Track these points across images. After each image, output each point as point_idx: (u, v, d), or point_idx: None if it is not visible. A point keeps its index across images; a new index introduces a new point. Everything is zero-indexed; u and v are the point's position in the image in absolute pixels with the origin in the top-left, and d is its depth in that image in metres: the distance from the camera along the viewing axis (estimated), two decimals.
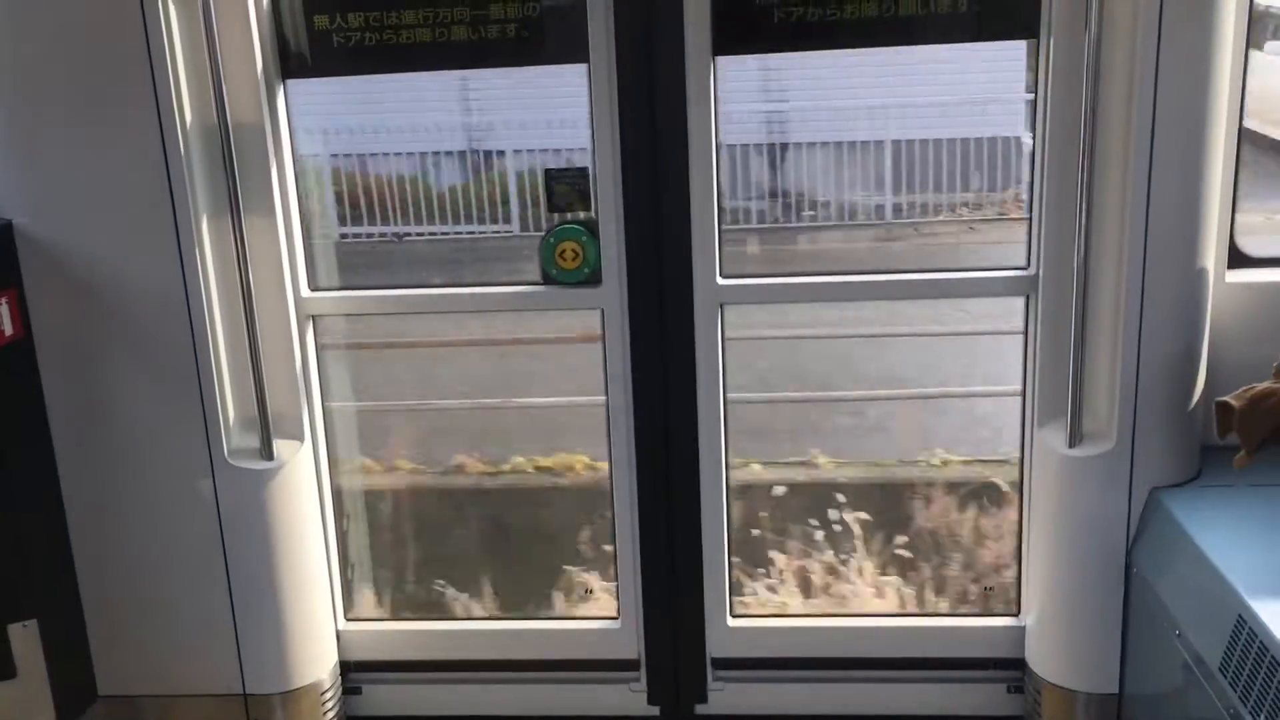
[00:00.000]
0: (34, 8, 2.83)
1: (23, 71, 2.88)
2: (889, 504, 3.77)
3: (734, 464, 3.31)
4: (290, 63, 3.03)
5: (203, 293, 2.97)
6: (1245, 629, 2.30)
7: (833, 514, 3.68)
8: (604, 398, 3.21)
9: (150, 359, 3.05)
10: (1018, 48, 2.98)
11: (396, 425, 4.07)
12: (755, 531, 3.66)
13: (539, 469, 3.91)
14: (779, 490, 3.82)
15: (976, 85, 3.74)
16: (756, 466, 3.88)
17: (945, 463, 3.80)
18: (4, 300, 2.92)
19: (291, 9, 2.99)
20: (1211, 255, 2.83)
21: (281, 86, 3.03)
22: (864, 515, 3.65)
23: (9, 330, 2.94)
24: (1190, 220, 2.76)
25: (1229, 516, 2.76)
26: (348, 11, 2.98)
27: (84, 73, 2.86)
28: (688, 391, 3.15)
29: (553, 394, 4.05)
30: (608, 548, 3.42)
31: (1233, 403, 2.63)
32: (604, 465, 3.31)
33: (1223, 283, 2.97)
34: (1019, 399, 3.16)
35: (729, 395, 3.19)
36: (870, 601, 3.55)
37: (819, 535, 3.63)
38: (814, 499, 3.74)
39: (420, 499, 3.93)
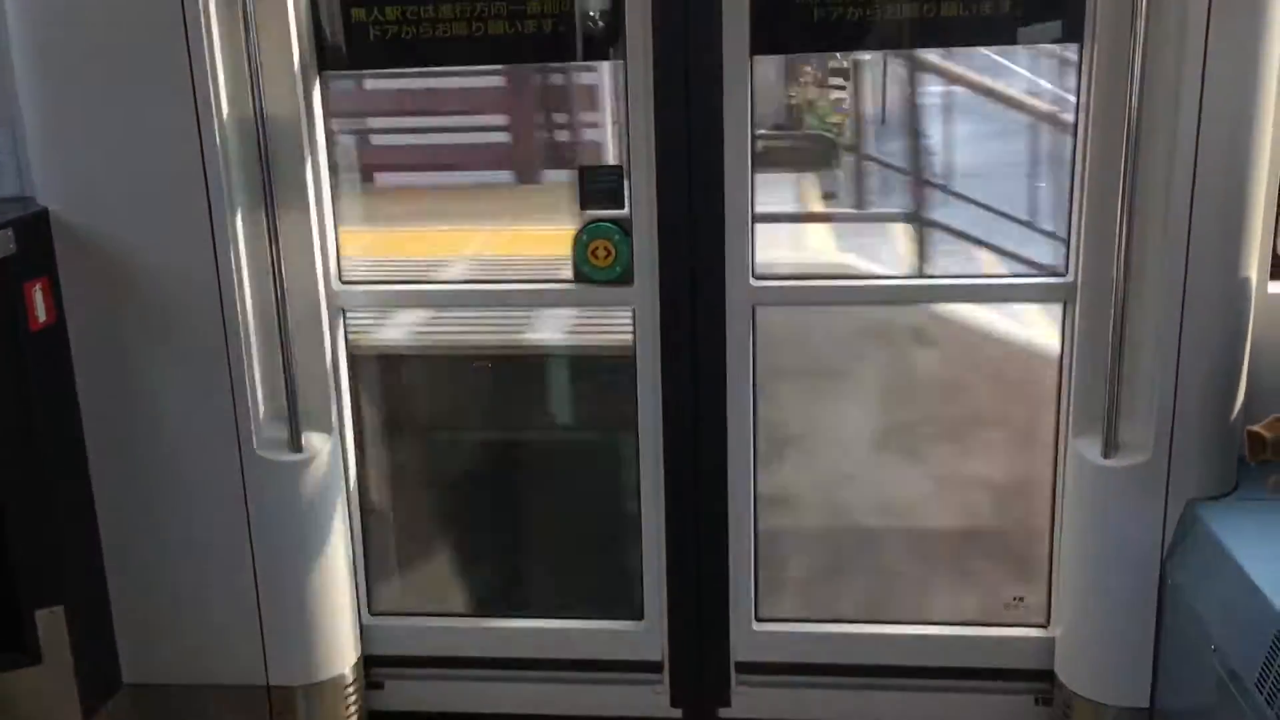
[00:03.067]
0: None
1: (60, 59, 2.88)
2: None
3: None
4: (327, 55, 3.02)
5: (235, 284, 2.97)
6: None
7: None
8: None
9: (182, 349, 3.05)
10: None
11: None
12: None
13: None
14: None
15: None
16: None
17: None
18: (38, 286, 2.93)
19: (329, 1, 2.99)
20: (1254, 264, 2.79)
21: (318, 79, 3.03)
22: None
23: (42, 317, 2.95)
24: (1233, 229, 2.72)
25: (1266, 530, 2.71)
26: (385, 4, 2.98)
27: (122, 62, 2.87)
28: (718, 393, 3.13)
29: None
30: None
31: (1264, 434, 2.60)
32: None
33: (1265, 292, 2.92)
34: None
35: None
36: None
37: None
38: None
39: None
